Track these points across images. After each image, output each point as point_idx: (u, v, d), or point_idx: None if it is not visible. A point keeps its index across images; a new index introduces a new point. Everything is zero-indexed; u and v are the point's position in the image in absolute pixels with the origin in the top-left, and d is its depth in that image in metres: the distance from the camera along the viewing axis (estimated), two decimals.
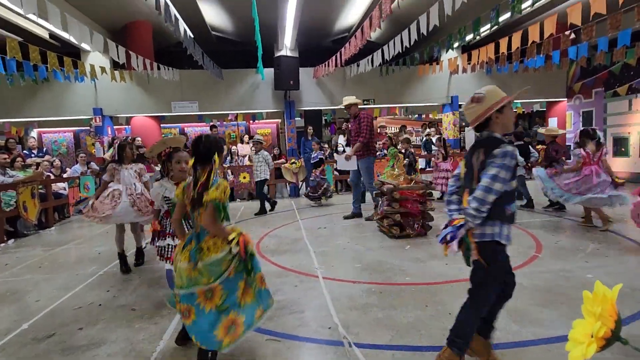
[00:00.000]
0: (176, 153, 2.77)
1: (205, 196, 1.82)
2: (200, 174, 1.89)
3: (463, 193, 1.79)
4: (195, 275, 1.84)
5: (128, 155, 3.71)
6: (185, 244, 1.93)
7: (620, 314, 0.68)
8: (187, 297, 1.87)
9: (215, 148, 1.92)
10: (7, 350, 2.26)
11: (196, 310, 1.84)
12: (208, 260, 1.82)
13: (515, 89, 8.66)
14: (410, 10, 7.83)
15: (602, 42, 6.11)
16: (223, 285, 1.85)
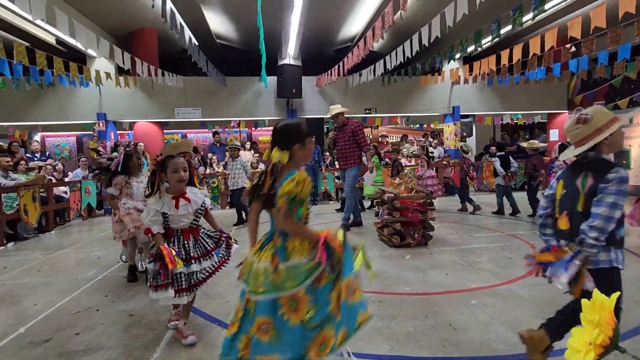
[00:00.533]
0: (171, 160, 2.27)
1: (280, 189, 1.51)
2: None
3: (560, 215, 1.72)
4: (278, 280, 1.50)
5: (135, 165, 3.40)
6: (264, 243, 1.65)
7: (617, 323, 0.68)
8: (266, 305, 1.52)
9: (292, 135, 1.61)
10: (4, 354, 2.24)
11: (278, 323, 1.50)
12: (290, 263, 1.52)
13: (516, 101, 8.84)
14: (412, 21, 7.93)
15: (602, 55, 6.17)
16: (311, 295, 1.50)
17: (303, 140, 1.62)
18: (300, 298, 1.49)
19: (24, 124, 9.67)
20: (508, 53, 6.27)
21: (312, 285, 1.51)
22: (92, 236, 5.96)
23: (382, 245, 4.61)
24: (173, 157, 2.29)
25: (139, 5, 7.95)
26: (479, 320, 2.46)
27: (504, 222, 5.82)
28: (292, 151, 1.60)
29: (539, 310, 2.56)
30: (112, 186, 3.36)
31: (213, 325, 2.53)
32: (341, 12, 9.16)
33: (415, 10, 7.94)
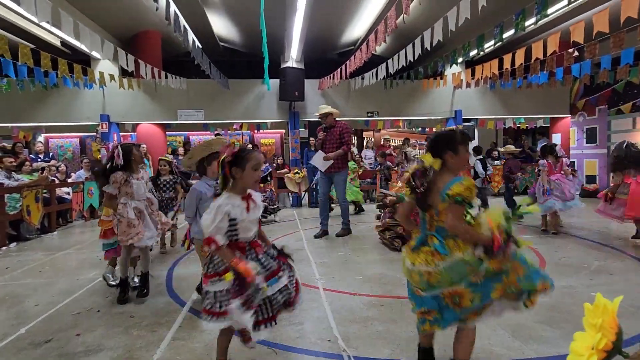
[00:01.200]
0: (250, 154, 1.85)
1: (448, 191, 1.60)
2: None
3: None
4: (434, 280, 1.62)
5: (137, 160, 3.05)
6: (417, 245, 1.72)
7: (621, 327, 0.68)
8: (431, 300, 1.68)
9: (443, 144, 1.71)
10: (4, 355, 2.24)
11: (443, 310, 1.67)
12: (450, 262, 1.60)
13: (518, 105, 8.85)
14: (415, 25, 7.95)
15: (605, 60, 6.16)
16: (471, 289, 1.62)
17: (455, 148, 1.71)
18: (462, 292, 1.62)
19: (28, 125, 9.73)
20: (510, 57, 6.27)
21: (472, 281, 1.61)
22: (94, 237, 5.97)
23: (383, 248, 4.60)
24: (252, 152, 1.89)
25: (143, 8, 8.00)
26: (480, 325, 2.43)
27: None
28: (444, 159, 1.71)
29: (541, 315, 2.54)
30: (109, 184, 2.94)
31: None
32: (344, 15, 9.20)
33: (418, 14, 7.96)
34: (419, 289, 1.69)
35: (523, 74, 7.51)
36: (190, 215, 2.82)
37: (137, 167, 3.06)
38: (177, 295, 3.14)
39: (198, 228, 2.63)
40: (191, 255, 4.49)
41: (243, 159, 1.81)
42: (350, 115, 10.41)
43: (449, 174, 1.70)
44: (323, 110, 5.27)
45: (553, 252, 4.24)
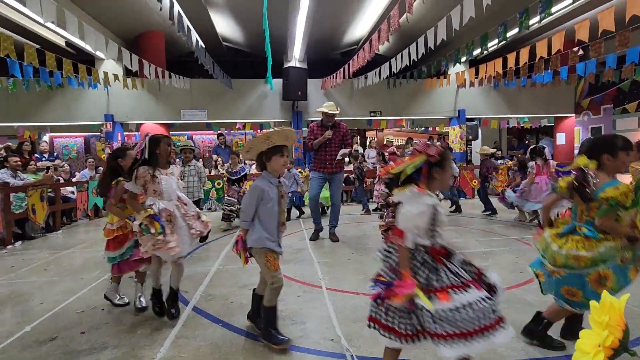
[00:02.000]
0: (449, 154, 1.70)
1: (601, 193, 1.81)
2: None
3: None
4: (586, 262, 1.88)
5: (164, 155, 2.56)
6: (564, 232, 1.97)
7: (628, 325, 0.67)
8: (574, 278, 1.92)
9: (601, 147, 1.90)
10: (9, 353, 2.26)
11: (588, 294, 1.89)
12: (599, 249, 1.86)
13: (522, 104, 8.82)
14: (418, 24, 7.93)
15: (610, 58, 6.12)
16: (615, 271, 1.88)
17: (614, 152, 1.87)
18: (607, 275, 1.86)
19: (34, 125, 9.81)
20: (515, 56, 6.24)
21: (618, 265, 1.87)
22: (98, 236, 6.00)
23: None
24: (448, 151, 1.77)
25: (147, 8, 8.04)
26: None
27: (510, 227, 5.77)
28: (601, 160, 1.88)
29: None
30: (132, 181, 2.46)
31: (217, 326, 2.53)
32: (347, 15, 9.19)
33: (421, 13, 7.94)
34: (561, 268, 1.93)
35: (527, 73, 7.49)
36: (247, 218, 2.25)
37: (164, 162, 2.58)
38: (180, 294, 3.15)
39: (257, 235, 2.22)
40: (194, 255, 4.51)
41: (446, 159, 1.67)
42: (353, 115, 10.41)
43: (604, 175, 1.88)
44: (335, 110, 4.95)
45: None
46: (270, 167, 2.26)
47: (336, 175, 5.01)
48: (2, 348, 2.32)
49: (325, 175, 4.96)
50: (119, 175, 2.76)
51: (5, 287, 3.51)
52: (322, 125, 4.97)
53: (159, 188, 2.49)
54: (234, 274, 3.64)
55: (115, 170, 2.79)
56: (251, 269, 3.81)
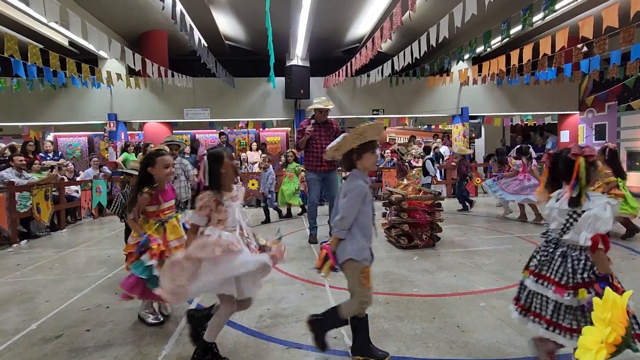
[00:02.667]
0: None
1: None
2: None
3: None
4: None
5: (230, 174, 2.01)
6: None
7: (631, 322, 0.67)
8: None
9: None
10: (15, 350, 2.28)
11: None
12: None
13: (526, 102, 8.81)
14: (420, 22, 7.90)
15: (614, 55, 6.07)
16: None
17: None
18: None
19: (38, 124, 9.87)
20: (518, 53, 6.21)
21: None
22: (102, 235, 6.05)
23: (390, 246, 4.59)
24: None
25: (149, 7, 8.05)
26: (487, 323, 2.44)
27: (513, 224, 5.75)
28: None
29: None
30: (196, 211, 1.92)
31: None
32: (349, 13, 9.17)
33: (424, 11, 7.91)
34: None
35: (531, 70, 7.43)
36: (347, 226, 1.93)
37: (230, 183, 2.03)
38: None
39: (358, 245, 1.93)
40: None
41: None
42: (355, 113, 10.40)
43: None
44: (329, 105, 4.80)
45: None
46: (362, 165, 2.01)
47: (330, 173, 4.79)
48: (9, 345, 2.34)
49: (321, 174, 4.76)
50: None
51: (11, 285, 3.54)
52: (315, 122, 4.76)
53: (225, 216, 1.95)
54: None
55: (146, 182, 2.41)
56: None
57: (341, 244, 1.96)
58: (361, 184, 1.97)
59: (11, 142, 7.96)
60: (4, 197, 5.29)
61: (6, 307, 3.01)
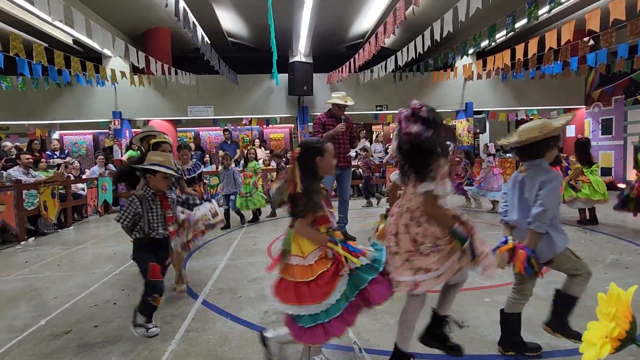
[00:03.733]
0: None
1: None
2: None
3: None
4: None
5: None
6: None
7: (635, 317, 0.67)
8: None
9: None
10: (25, 346, 2.32)
11: None
12: None
13: (531, 96, 8.78)
14: (424, 16, 7.83)
15: (622, 48, 5.99)
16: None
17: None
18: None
19: (43, 123, 9.94)
20: (523, 47, 6.14)
21: None
22: (108, 232, 6.10)
23: None
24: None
25: (152, 5, 8.06)
26: (491, 318, 2.43)
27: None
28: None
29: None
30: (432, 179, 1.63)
31: (226, 319, 2.57)
32: (352, 8, 9.11)
33: (428, 5, 7.84)
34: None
35: (536, 65, 7.37)
36: (548, 218, 1.82)
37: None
38: (190, 289, 3.20)
39: (561, 235, 1.88)
40: (203, 249, 4.56)
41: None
42: (359, 109, 10.36)
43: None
44: (349, 101, 4.64)
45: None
46: (548, 156, 1.93)
47: (346, 170, 4.74)
48: (19, 341, 2.38)
49: (337, 170, 4.60)
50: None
51: (20, 282, 3.59)
52: (331, 116, 4.63)
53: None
54: (243, 269, 3.68)
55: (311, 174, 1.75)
56: (258, 263, 3.85)
57: (544, 239, 1.85)
58: (556, 173, 1.89)
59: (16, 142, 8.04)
60: (11, 195, 5.35)
61: (15, 303, 3.06)
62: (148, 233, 2.40)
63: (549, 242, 1.84)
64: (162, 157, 2.42)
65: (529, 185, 1.88)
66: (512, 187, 2.02)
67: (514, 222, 1.98)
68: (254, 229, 5.77)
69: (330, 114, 4.65)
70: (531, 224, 1.82)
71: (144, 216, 2.38)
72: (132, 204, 2.36)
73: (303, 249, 1.69)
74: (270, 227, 5.95)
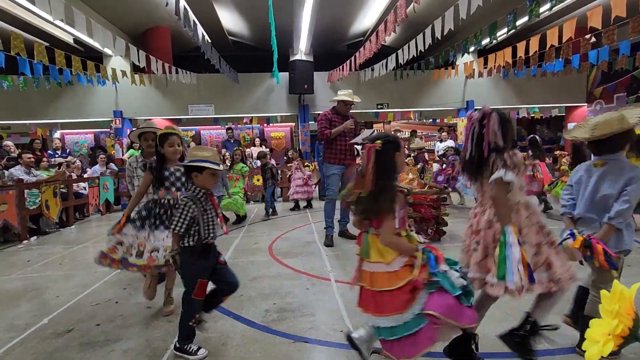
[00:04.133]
0: None
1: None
2: None
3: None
4: None
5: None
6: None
7: (638, 314, 0.67)
8: None
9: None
10: (27, 345, 2.33)
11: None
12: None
13: (532, 94, 8.76)
14: (425, 14, 7.81)
15: (623, 45, 5.97)
16: None
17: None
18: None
19: (44, 122, 9.97)
20: (524, 45, 6.13)
21: None
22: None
23: None
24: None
25: (153, 3, 8.06)
26: (493, 316, 2.42)
27: None
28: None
29: (557, 306, 2.51)
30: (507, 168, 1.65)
31: (227, 318, 2.58)
32: (353, 6, 9.10)
33: (428, 3, 7.81)
34: None
35: (537, 62, 7.34)
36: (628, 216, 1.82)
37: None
38: None
39: (632, 234, 1.85)
40: None
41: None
42: (359, 107, 10.34)
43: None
44: (356, 98, 4.64)
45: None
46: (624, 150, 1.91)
47: (352, 167, 4.70)
48: (22, 340, 2.39)
49: (344, 167, 4.59)
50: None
51: (22, 281, 3.60)
52: (336, 113, 4.60)
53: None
54: (244, 268, 3.68)
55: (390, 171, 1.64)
56: (259, 262, 3.86)
57: (617, 234, 1.81)
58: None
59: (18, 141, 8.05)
60: (13, 195, 5.36)
61: (18, 302, 3.07)
62: (204, 238, 2.07)
63: (618, 238, 1.81)
64: (208, 152, 2.12)
65: (610, 181, 1.80)
66: (583, 180, 1.92)
67: (580, 215, 1.91)
68: (255, 228, 5.77)
69: (336, 112, 4.64)
70: (612, 219, 1.76)
71: (200, 220, 2.06)
72: (188, 207, 2.03)
73: (385, 255, 1.60)
74: (272, 226, 5.96)
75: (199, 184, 2.11)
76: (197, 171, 2.08)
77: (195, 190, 2.10)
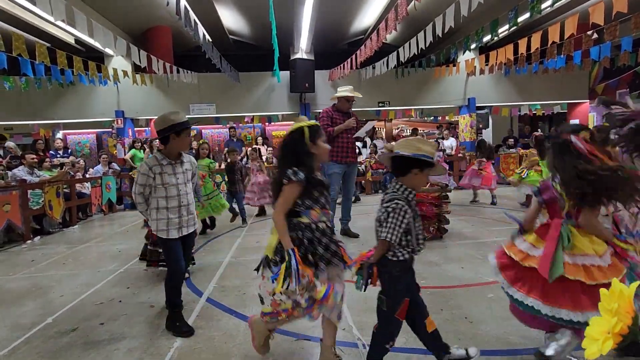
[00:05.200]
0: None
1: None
2: None
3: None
4: None
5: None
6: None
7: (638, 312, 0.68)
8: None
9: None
10: (32, 343, 2.35)
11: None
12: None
13: (534, 91, 8.71)
14: (426, 12, 7.79)
15: (625, 42, 5.93)
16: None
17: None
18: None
19: (46, 122, 10.00)
20: (526, 42, 6.10)
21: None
22: (113, 230, 6.14)
23: None
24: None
25: (153, 3, 8.06)
26: (495, 314, 2.44)
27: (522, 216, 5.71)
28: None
29: None
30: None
31: (230, 317, 2.59)
32: (353, 4, 9.08)
33: (429, 1, 7.78)
34: None
35: (539, 59, 7.31)
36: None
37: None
38: (194, 286, 3.22)
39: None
40: (207, 247, 4.58)
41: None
42: (361, 106, 10.34)
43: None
44: (357, 94, 4.58)
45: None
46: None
47: (353, 166, 4.65)
48: (27, 338, 2.41)
49: (345, 165, 4.51)
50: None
51: (27, 281, 3.63)
52: (337, 110, 4.53)
53: None
54: (246, 266, 3.69)
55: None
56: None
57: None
58: None
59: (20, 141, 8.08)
60: (17, 195, 5.39)
61: (22, 301, 3.09)
62: (418, 250, 1.76)
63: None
64: (432, 148, 1.72)
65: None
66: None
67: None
68: (258, 227, 5.78)
69: (337, 109, 4.58)
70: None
71: (412, 227, 1.70)
72: (404, 212, 1.64)
73: (596, 246, 1.54)
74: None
75: (410, 183, 1.72)
76: (418, 168, 1.69)
77: (406, 192, 1.71)
